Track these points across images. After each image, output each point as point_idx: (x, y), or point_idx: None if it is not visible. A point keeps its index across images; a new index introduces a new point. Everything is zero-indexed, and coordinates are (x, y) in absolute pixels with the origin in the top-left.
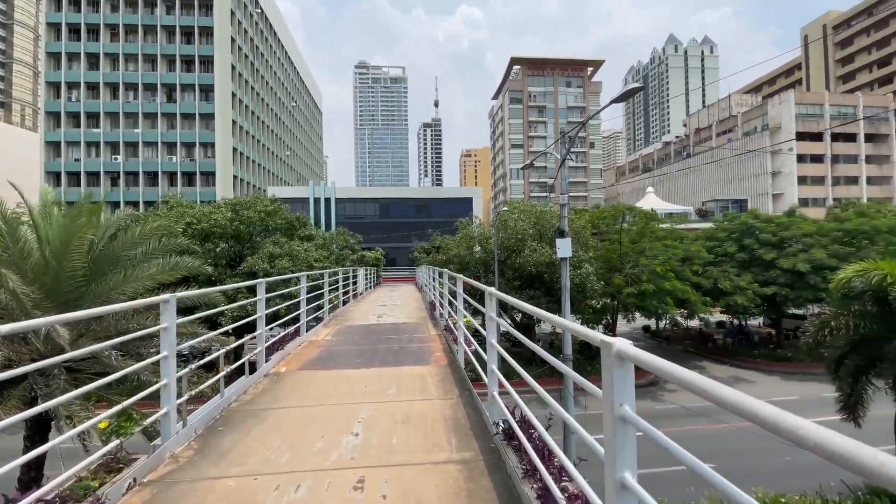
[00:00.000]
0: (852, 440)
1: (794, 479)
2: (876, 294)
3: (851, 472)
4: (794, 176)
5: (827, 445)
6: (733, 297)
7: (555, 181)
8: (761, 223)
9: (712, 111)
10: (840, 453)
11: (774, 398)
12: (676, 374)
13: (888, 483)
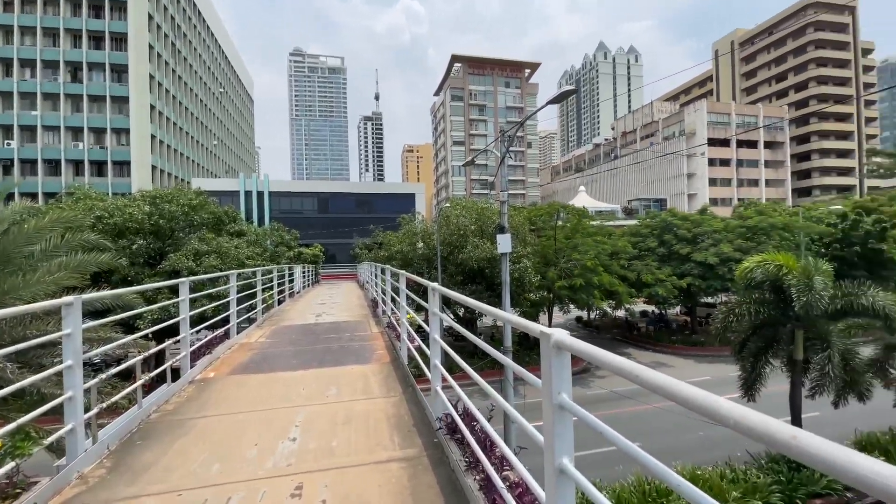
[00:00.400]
0: (766, 416)
1: (708, 452)
2: (773, 283)
3: (765, 445)
4: (706, 178)
5: (745, 422)
6: (655, 288)
7: (495, 178)
8: (678, 221)
9: (637, 116)
10: (757, 429)
11: (690, 379)
12: (609, 361)
13: (798, 454)
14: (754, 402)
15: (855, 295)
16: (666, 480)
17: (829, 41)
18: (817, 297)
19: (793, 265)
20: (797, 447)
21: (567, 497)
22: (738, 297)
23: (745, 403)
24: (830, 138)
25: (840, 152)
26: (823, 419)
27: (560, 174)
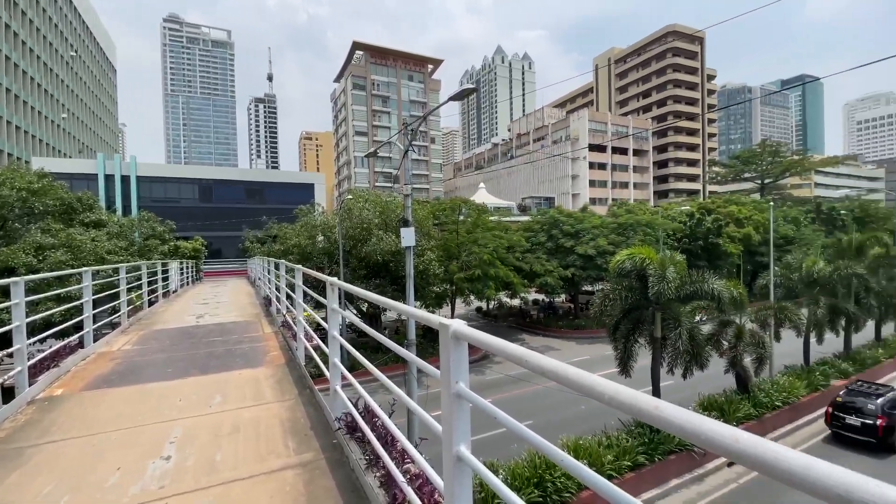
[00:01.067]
0: (635, 391)
1: (588, 423)
2: (639, 272)
3: (634, 417)
4: (587, 179)
5: (618, 397)
6: (545, 278)
7: (399, 172)
8: (564, 218)
9: (530, 120)
10: (627, 403)
11: (573, 359)
12: (502, 348)
13: (660, 423)
14: (629, 376)
15: (699, 282)
16: (550, 455)
17: (683, 66)
18: (668, 284)
19: (653, 257)
20: (659, 416)
21: (464, 483)
22: (612, 284)
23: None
24: (683, 149)
25: (689, 161)
26: (676, 386)
27: (462, 171)
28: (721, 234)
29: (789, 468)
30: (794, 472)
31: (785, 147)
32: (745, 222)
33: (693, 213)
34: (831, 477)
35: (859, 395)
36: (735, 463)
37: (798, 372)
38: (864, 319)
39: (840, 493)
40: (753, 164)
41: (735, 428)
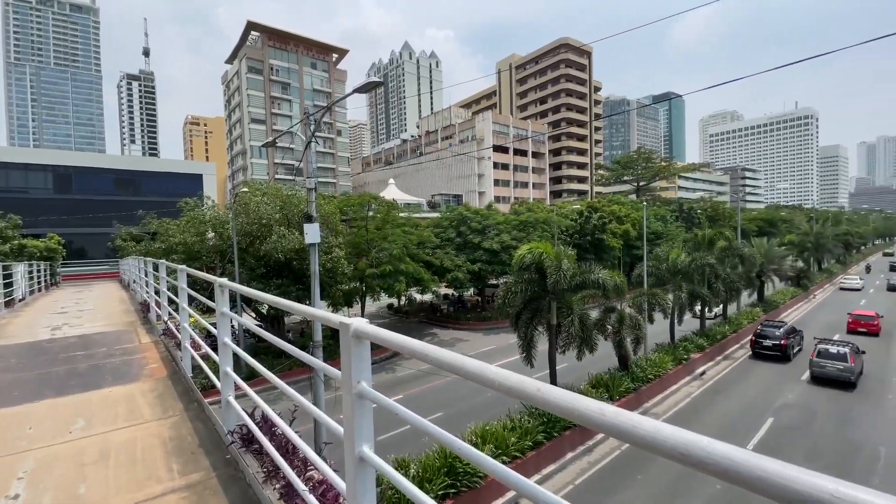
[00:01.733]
0: (520, 376)
1: (495, 409)
2: (537, 265)
3: (520, 400)
4: (492, 178)
5: (506, 382)
6: (454, 273)
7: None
8: (471, 214)
9: (438, 118)
10: (514, 387)
11: (480, 349)
12: (403, 344)
13: (542, 403)
14: (532, 364)
15: (587, 272)
16: (451, 447)
17: (574, 77)
18: (563, 275)
19: (550, 251)
20: (541, 397)
21: (367, 483)
22: (514, 277)
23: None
24: (574, 154)
25: (579, 165)
26: (571, 367)
27: (371, 165)
28: (605, 230)
29: (643, 434)
30: (645, 437)
31: (656, 154)
32: (625, 220)
33: (582, 212)
34: (674, 437)
35: (768, 328)
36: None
37: (666, 349)
38: (716, 301)
39: (681, 451)
40: (631, 169)
41: (603, 403)
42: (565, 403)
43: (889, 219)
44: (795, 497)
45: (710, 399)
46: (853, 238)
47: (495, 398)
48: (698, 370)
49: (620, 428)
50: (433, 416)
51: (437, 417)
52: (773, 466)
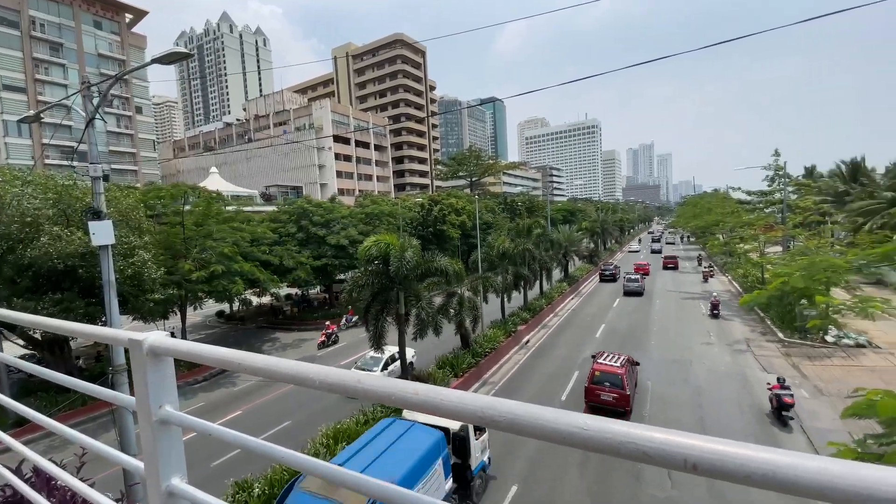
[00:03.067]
0: (340, 371)
1: (351, 405)
2: (383, 257)
3: (343, 394)
4: (335, 170)
5: (325, 379)
6: (296, 272)
7: (87, 145)
8: (313, 207)
9: (269, 101)
10: (334, 383)
11: (330, 348)
12: (212, 355)
13: (364, 395)
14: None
15: (431, 262)
16: (271, 456)
17: (411, 74)
18: (406, 264)
19: (395, 243)
20: (362, 388)
21: None
22: (361, 270)
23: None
24: (415, 149)
25: (420, 159)
26: (420, 352)
27: (186, 151)
28: (445, 221)
29: (449, 405)
30: (451, 407)
31: (484, 153)
32: (462, 212)
33: (424, 205)
34: (474, 402)
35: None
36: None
37: (498, 324)
38: (534, 280)
39: (480, 414)
40: (465, 165)
41: (411, 383)
42: (384, 390)
43: (648, 208)
44: (551, 433)
45: (534, 363)
46: (626, 223)
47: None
48: (524, 339)
49: (431, 402)
50: (281, 425)
51: (286, 427)
52: (528, 410)
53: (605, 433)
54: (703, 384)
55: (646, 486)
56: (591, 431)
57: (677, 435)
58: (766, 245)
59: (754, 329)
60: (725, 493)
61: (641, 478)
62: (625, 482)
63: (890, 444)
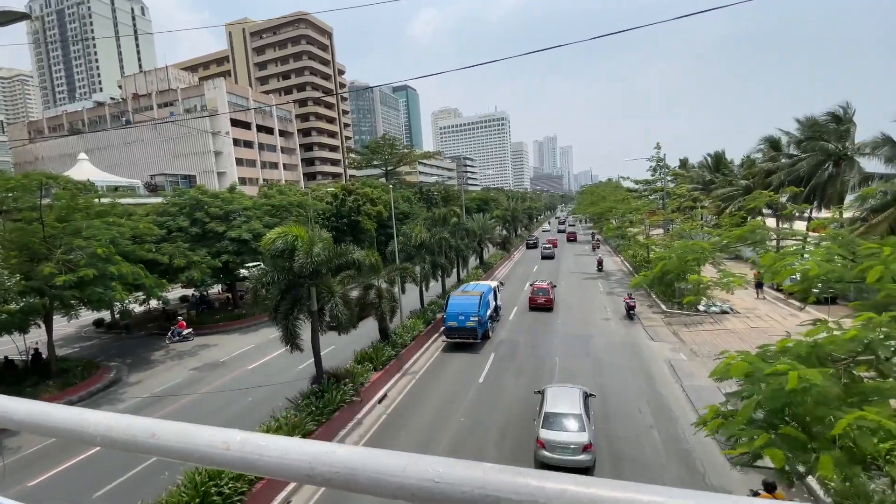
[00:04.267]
0: (130, 419)
1: (258, 412)
2: (291, 251)
3: (46, 435)
4: (233, 157)
5: (106, 435)
6: (190, 272)
7: None
8: (209, 198)
9: (150, 78)
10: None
11: (236, 352)
12: None
13: (157, 453)
14: (301, 350)
15: (344, 254)
16: None
17: (317, 56)
18: (315, 258)
19: (303, 235)
20: (156, 445)
21: None
22: (267, 266)
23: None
24: (325, 135)
25: (331, 147)
26: (338, 349)
27: (46, 133)
28: (360, 212)
29: (272, 463)
30: (275, 466)
31: (399, 142)
32: (378, 202)
33: (337, 194)
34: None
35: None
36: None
37: (418, 314)
38: (451, 269)
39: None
40: (379, 154)
41: (222, 431)
42: (184, 446)
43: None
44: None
45: (454, 349)
46: (534, 211)
47: (256, 401)
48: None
49: (246, 461)
50: None
51: None
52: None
53: (461, 485)
54: (602, 355)
55: None
56: (444, 484)
57: (528, 476)
58: (650, 228)
59: (642, 303)
60: (623, 451)
61: None
62: None
63: (741, 397)
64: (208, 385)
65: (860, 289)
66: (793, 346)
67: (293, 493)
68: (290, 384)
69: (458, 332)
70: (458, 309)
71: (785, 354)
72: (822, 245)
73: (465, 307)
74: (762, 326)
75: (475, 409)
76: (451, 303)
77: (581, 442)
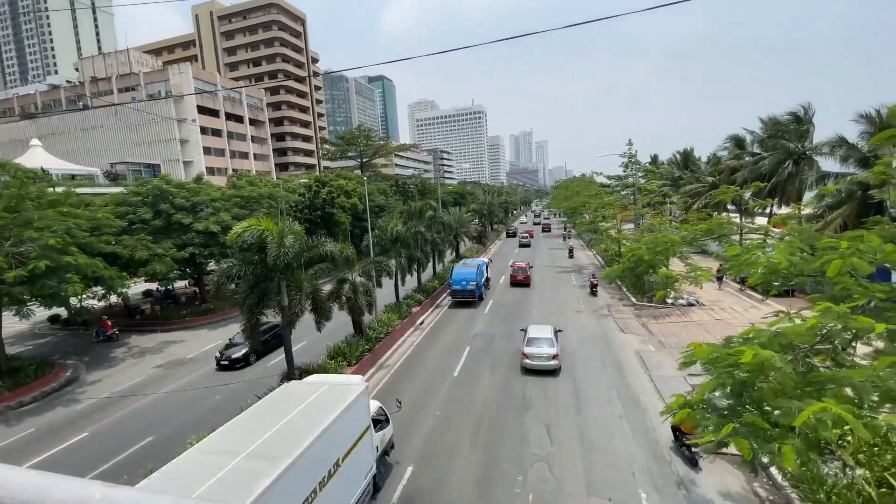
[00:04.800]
0: None
1: (227, 410)
2: (260, 244)
3: None
4: (201, 146)
5: None
6: (152, 265)
7: None
8: (174, 188)
9: (110, 61)
10: None
11: (203, 348)
12: None
13: None
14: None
15: (316, 247)
16: None
17: (289, 42)
18: (287, 251)
19: (272, 228)
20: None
21: None
22: (235, 259)
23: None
24: (298, 125)
25: (305, 137)
26: (311, 343)
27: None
28: (335, 204)
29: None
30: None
31: (375, 133)
32: (353, 194)
33: (311, 186)
34: None
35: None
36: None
37: (393, 308)
38: (426, 262)
39: None
40: (354, 145)
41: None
42: None
43: (528, 191)
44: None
45: (429, 342)
46: (510, 205)
47: (226, 398)
48: (418, 321)
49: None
50: (141, 443)
51: (147, 444)
52: None
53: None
54: (576, 347)
55: (529, 446)
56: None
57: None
58: (621, 223)
59: (613, 296)
60: (594, 441)
61: (526, 439)
62: (512, 445)
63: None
64: (173, 383)
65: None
66: (755, 334)
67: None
68: (260, 381)
69: (461, 293)
70: (461, 276)
71: (748, 343)
72: (786, 239)
73: (467, 275)
74: (726, 318)
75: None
76: (456, 271)
77: (551, 353)
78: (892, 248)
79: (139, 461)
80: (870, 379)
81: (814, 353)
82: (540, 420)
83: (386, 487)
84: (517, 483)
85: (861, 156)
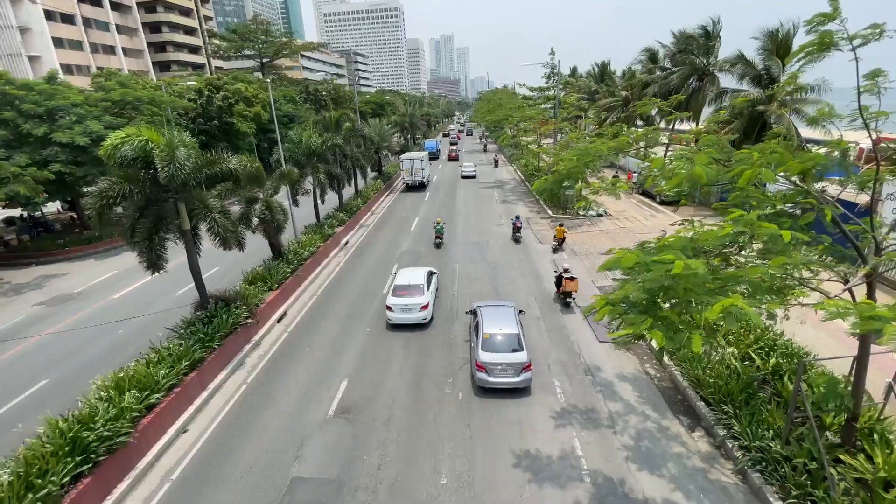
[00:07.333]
0: None
1: (133, 347)
2: (144, 159)
3: None
4: (48, 36)
5: None
6: (10, 186)
7: None
8: (21, 91)
9: None
10: None
11: (93, 281)
12: None
13: None
14: (166, 270)
15: (217, 162)
16: None
17: None
18: (178, 166)
19: (158, 139)
20: None
21: None
22: (114, 177)
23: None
24: (175, 12)
25: (187, 29)
26: (223, 271)
27: None
28: (234, 113)
29: None
30: None
31: (275, 27)
32: (255, 101)
33: (202, 90)
34: None
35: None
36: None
37: (314, 228)
38: (347, 179)
39: None
40: (251, 41)
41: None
42: None
43: (451, 103)
44: None
45: (355, 262)
46: (431, 118)
47: (130, 333)
48: (343, 241)
49: None
50: (36, 386)
51: (43, 387)
52: None
53: None
54: (497, 258)
55: (456, 350)
56: None
57: None
58: (541, 138)
59: (532, 209)
60: None
61: (451, 344)
62: (441, 352)
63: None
64: (62, 321)
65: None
66: (673, 240)
67: (189, 421)
68: (169, 312)
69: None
70: (429, 146)
71: (665, 249)
72: (704, 150)
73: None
74: (629, 227)
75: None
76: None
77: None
78: (793, 161)
79: (34, 407)
80: (762, 276)
81: (721, 255)
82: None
83: (321, 401)
84: (447, 384)
85: (756, 73)
